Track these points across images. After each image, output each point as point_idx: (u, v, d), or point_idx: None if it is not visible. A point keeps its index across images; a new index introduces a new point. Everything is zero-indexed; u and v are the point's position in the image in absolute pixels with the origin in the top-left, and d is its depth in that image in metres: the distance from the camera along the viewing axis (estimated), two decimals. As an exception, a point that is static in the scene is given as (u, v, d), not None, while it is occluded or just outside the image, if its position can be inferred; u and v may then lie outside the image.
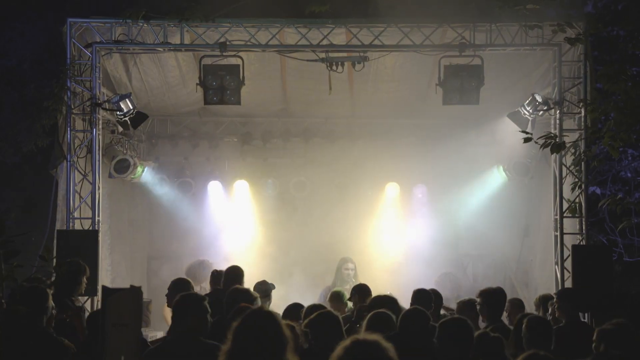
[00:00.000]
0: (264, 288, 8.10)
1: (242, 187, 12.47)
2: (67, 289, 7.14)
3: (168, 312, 10.02)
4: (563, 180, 9.82)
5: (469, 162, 11.98)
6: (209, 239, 11.99)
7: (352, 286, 9.97)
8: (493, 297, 7.07)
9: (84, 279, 7.50)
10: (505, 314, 7.90)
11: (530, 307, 9.18)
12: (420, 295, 7.30)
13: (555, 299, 7.57)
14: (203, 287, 9.83)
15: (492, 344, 5.24)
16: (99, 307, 6.22)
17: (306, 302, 7.64)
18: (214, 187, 12.43)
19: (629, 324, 5.33)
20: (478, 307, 7.15)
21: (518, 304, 7.90)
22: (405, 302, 7.31)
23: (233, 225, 12.37)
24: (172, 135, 12.39)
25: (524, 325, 5.84)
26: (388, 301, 6.56)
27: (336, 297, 8.51)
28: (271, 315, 4.12)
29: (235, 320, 4.10)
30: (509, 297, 9.09)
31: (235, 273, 8.07)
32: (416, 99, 11.47)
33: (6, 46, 13.12)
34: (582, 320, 8.14)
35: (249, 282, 10.55)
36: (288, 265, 11.52)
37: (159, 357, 4.95)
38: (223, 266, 9.26)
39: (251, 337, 3.96)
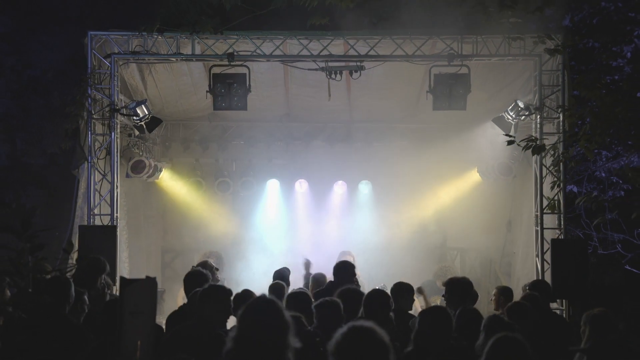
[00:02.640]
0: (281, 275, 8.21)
1: (248, 185, 12.49)
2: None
3: (180, 301, 10.05)
4: (543, 180, 9.84)
5: (456, 162, 12.00)
6: (217, 233, 12.01)
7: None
8: (458, 286, 6.81)
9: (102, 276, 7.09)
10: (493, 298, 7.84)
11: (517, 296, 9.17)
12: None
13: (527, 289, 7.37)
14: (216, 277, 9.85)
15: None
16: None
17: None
18: (223, 186, 12.44)
19: (610, 312, 5.34)
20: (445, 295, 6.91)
21: (507, 291, 7.82)
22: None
23: (239, 220, 12.39)
24: (184, 138, 12.41)
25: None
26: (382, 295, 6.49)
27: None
28: (272, 302, 4.12)
29: (241, 308, 4.12)
30: (493, 287, 9.11)
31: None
32: (409, 105, 11.48)
33: (32, 57, 13.15)
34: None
35: (254, 273, 10.62)
36: (289, 257, 11.51)
37: (175, 342, 4.95)
38: (230, 258, 9.29)
39: (255, 323, 3.96)
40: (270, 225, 12.38)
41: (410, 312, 7.08)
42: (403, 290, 7.10)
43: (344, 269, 7.71)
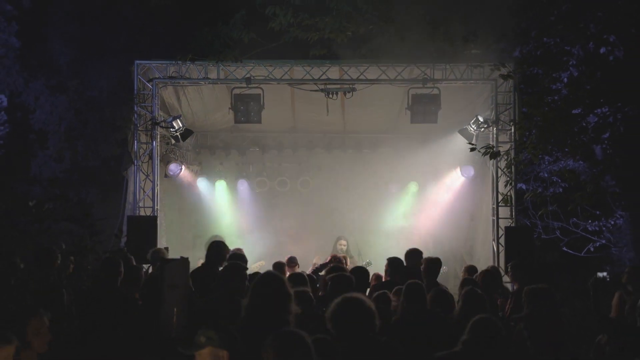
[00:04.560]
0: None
1: (262, 184, 12.50)
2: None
3: None
4: (498, 179, 9.87)
5: (430, 165, 11.98)
6: (238, 223, 12.02)
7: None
8: (432, 264, 6.82)
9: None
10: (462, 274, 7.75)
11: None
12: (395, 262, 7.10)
13: (509, 269, 7.14)
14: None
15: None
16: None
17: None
18: (242, 185, 12.44)
19: (549, 286, 5.34)
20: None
21: (472, 269, 7.78)
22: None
23: (256, 212, 12.39)
24: (211, 146, 12.38)
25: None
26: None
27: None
28: (277, 276, 4.14)
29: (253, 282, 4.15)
30: (459, 266, 9.10)
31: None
32: (391, 119, 11.47)
33: (91, 81, 13.14)
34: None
35: (266, 252, 10.60)
36: (294, 242, 11.52)
37: (206, 310, 4.96)
38: (248, 241, 9.30)
39: (263, 292, 3.98)
40: (279, 216, 12.37)
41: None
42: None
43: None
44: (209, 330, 3.28)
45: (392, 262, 7.03)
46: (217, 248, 6.48)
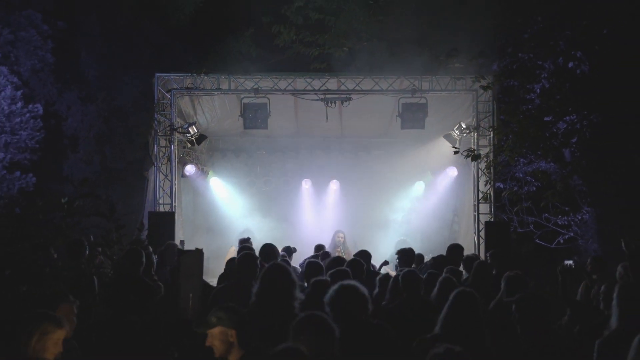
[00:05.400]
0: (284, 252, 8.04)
1: (268, 183, 12.49)
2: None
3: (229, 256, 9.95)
4: (479, 179, 9.88)
5: (418, 166, 11.97)
6: (247, 217, 12.01)
7: (342, 249, 10.05)
8: (406, 254, 6.84)
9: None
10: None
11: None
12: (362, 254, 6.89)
13: (489, 257, 7.09)
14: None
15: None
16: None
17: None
18: (250, 183, 12.44)
19: (523, 274, 5.34)
20: (396, 260, 6.92)
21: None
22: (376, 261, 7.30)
23: (263, 207, 12.38)
24: (223, 149, 12.38)
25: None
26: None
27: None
28: (283, 266, 4.16)
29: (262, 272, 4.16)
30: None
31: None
32: (383, 125, 11.46)
33: (116, 92, 13.13)
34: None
35: (273, 242, 10.53)
36: (297, 234, 11.52)
37: (224, 294, 4.90)
38: (257, 231, 9.26)
39: (270, 281, 4.00)
40: (283, 211, 12.36)
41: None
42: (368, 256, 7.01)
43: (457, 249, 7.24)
44: (220, 311, 3.33)
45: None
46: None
